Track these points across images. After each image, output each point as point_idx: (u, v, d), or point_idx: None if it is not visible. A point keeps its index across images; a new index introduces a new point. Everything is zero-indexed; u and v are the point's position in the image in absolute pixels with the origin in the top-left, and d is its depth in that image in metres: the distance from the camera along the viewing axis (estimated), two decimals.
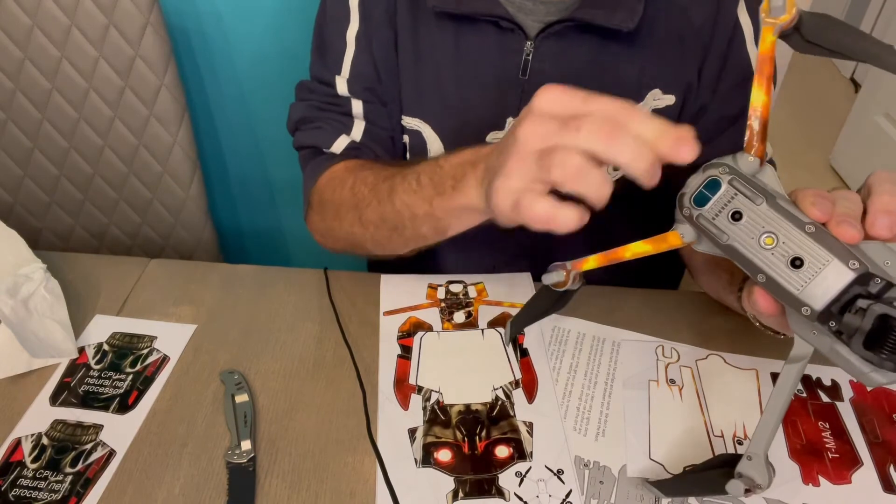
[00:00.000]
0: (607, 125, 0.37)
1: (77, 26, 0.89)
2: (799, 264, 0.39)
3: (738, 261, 0.41)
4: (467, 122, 0.69)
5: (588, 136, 0.38)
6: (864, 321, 0.38)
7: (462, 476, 0.52)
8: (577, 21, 0.62)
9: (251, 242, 1.36)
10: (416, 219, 0.56)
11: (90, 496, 0.51)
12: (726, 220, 0.41)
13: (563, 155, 0.38)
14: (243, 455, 0.53)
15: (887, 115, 2.08)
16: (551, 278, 0.50)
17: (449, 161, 0.53)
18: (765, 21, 0.40)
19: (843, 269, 0.38)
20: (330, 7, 0.71)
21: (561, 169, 0.38)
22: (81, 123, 0.95)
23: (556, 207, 0.40)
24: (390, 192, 0.58)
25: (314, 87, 0.73)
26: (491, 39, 0.65)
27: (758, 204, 0.40)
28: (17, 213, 1.04)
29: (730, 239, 0.41)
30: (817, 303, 0.39)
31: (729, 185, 0.41)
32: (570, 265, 0.49)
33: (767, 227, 0.40)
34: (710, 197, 0.42)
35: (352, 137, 0.71)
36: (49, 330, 0.62)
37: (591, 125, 0.38)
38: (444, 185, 0.52)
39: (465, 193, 0.50)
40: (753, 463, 0.43)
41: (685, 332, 0.64)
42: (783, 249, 0.40)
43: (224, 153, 1.21)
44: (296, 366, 0.61)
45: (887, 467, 0.53)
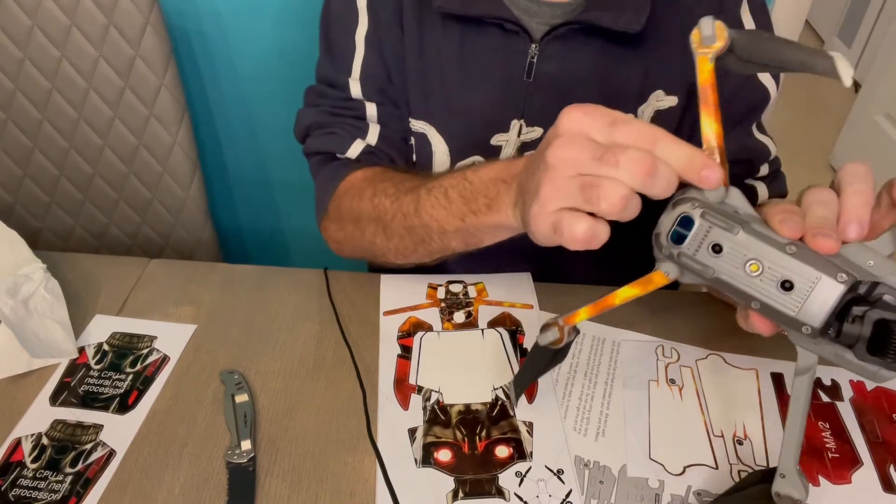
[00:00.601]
0: (646, 161, 0.38)
1: (77, 26, 0.89)
2: (789, 286, 0.39)
3: (728, 291, 0.41)
4: (472, 125, 0.69)
5: (627, 172, 0.39)
6: (862, 329, 0.38)
7: (462, 476, 0.52)
8: (583, 24, 0.62)
9: (251, 242, 1.36)
10: (446, 233, 0.56)
11: (90, 496, 0.51)
12: (707, 253, 0.41)
13: (611, 188, 0.39)
14: (243, 455, 0.53)
15: (887, 115, 2.09)
16: (546, 338, 0.49)
17: (478, 176, 0.53)
18: (698, 52, 0.40)
19: (833, 284, 0.38)
20: (335, 8, 0.70)
21: (608, 203, 0.39)
22: (81, 123, 0.96)
23: (596, 226, 0.40)
24: (416, 205, 0.58)
25: (325, 92, 0.72)
26: (496, 42, 0.65)
27: (735, 233, 0.40)
28: (17, 213, 1.04)
29: (715, 272, 0.41)
30: (815, 320, 0.39)
31: (702, 220, 0.41)
32: (561, 321, 0.48)
33: (750, 254, 0.40)
34: (685, 234, 0.41)
35: (367, 142, 0.70)
36: (49, 330, 0.62)
37: (629, 161, 0.38)
38: (477, 203, 0.52)
39: (500, 213, 0.50)
40: (788, 480, 0.43)
41: (685, 332, 0.64)
42: (770, 274, 0.39)
43: (224, 153, 1.21)
44: (296, 366, 0.61)
45: (887, 467, 0.53)
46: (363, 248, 0.67)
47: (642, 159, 0.38)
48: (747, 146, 0.69)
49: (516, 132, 0.68)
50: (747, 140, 0.70)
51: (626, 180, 0.39)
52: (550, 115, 0.46)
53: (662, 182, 0.39)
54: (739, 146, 0.69)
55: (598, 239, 0.41)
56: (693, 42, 0.40)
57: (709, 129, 0.40)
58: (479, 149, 0.70)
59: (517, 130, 0.68)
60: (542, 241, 0.44)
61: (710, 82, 0.40)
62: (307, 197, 0.83)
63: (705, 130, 0.41)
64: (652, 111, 0.68)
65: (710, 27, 0.39)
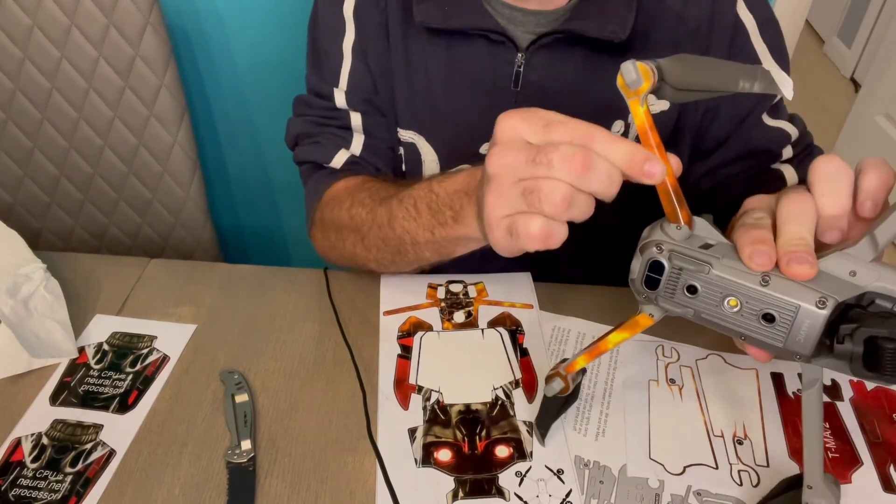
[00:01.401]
0: (579, 156, 0.37)
1: (77, 26, 0.89)
2: (770, 318, 0.38)
3: (714, 328, 0.41)
4: (460, 135, 0.69)
5: (562, 168, 0.38)
6: (854, 347, 0.37)
7: (462, 476, 0.52)
8: (568, 33, 0.62)
9: (251, 242, 1.36)
10: (418, 245, 0.57)
11: (90, 496, 0.51)
12: (684, 295, 0.40)
13: (549, 188, 0.38)
14: (243, 455, 0.53)
15: (887, 115, 2.09)
16: (553, 390, 0.49)
17: (443, 188, 0.53)
18: (628, 98, 0.38)
19: (814, 311, 0.37)
20: (322, 17, 0.70)
21: (549, 203, 0.38)
22: (81, 123, 0.96)
23: (551, 224, 0.39)
24: (389, 217, 0.58)
25: (311, 101, 0.72)
26: (482, 52, 0.65)
27: (706, 273, 0.39)
28: (17, 213, 1.04)
29: (696, 312, 0.40)
30: (805, 349, 0.38)
31: (671, 263, 0.40)
32: (563, 370, 0.49)
33: (725, 291, 0.39)
34: (658, 279, 0.41)
35: (351, 151, 0.71)
36: (49, 330, 0.62)
37: (562, 158, 0.37)
38: (444, 216, 0.53)
39: (466, 226, 0.51)
40: (816, 490, 0.43)
41: (685, 332, 0.64)
42: (750, 308, 0.38)
43: (224, 153, 1.21)
44: (296, 366, 0.61)
45: (887, 467, 0.53)
46: (346, 258, 0.68)
47: (575, 154, 0.37)
48: (758, 138, 0.68)
49: None
50: (758, 131, 0.68)
51: (563, 178, 0.38)
52: None
53: (603, 178, 0.38)
54: (749, 140, 0.68)
55: (555, 237, 0.40)
56: (620, 89, 0.38)
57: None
58: (468, 158, 0.70)
59: None
60: (506, 251, 0.44)
61: (649, 124, 0.39)
62: None
63: None
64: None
65: (633, 71, 0.37)
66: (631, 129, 0.68)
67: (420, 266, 0.62)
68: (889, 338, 0.36)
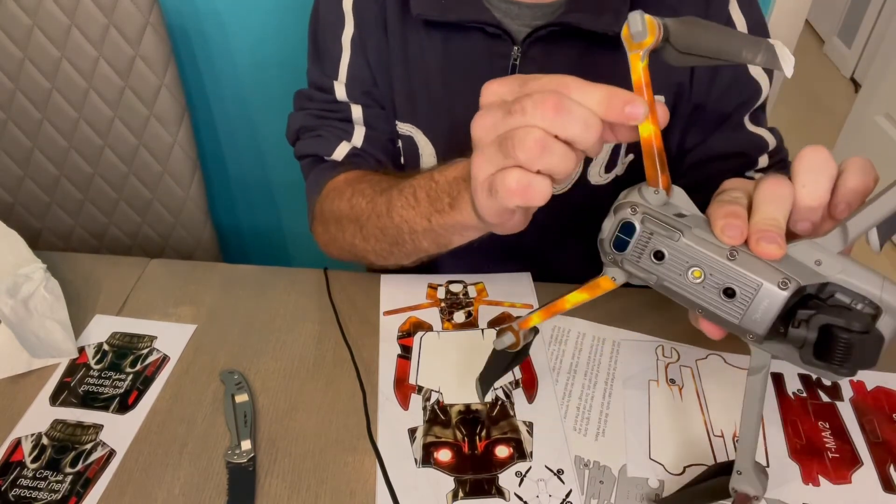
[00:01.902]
0: (550, 99, 0.37)
1: (77, 26, 0.89)
2: (731, 293, 0.38)
3: (673, 297, 0.40)
4: (458, 127, 0.69)
5: (534, 113, 0.37)
6: (808, 333, 0.37)
7: (462, 476, 0.52)
8: (563, 26, 0.62)
9: (251, 242, 1.36)
10: (416, 234, 0.56)
11: (90, 496, 0.51)
12: (650, 260, 0.40)
13: (522, 134, 0.38)
14: (243, 455, 0.53)
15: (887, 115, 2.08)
16: (503, 343, 0.49)
17: (443, 175, 0.53)
18: (630, 49, 0.38)
19: (775, 291, 0.37)
20: (323, 12, 0.70)
21: (522, 149, 0.38)
22: (81, 123, 0.96)
23: (529, 177, 0.39)
24: (388, 206, 0.58)
25: (312, 95, 0.73)
26: (479, 45, 0.65)
27: (675, 240, 0.39)
28: (17, 213, 1.04)
29: (658, 279, 0.40)
30: (759, 328, 0.38)
31: (643, 226, 0.40)
32: (516, 325, 0.49)
33: (691, 261, 0.39)
34: (627, 240, 0.40)
35: (352, 144, 0.71)
36: (49, 330, 0.62)
37: (534, 102, 0.37)
38: (442, 203, 0.53)
39: (461, 212, 0.51)
40: (744, 477, 0.43)
41: (685, 332, 0.64)
42: (712, 281, 0.38)
43: (224, 153, 1.21)
44: (296, 366, 0.61)
45: (887, 467, 0.53)
46: (346, 250, 0.68)
47: (547, 97, 0.37)
48: (740, 140, 0.69)
49: None
50: (739, 134, 0.69)
51: (536, 122, 0.37)
52: None
53: (578, 122, 0.37)
54: (731, 141, 0.69)
55: (534, 189, 0.39)
56: (624, 40, 0.38)
57: (646, 132, 0.39)
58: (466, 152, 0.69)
59: None
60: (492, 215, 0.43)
61: (645, 81, 0.38)
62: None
63: (642, 132, 0.39)
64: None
65: (640, 22, 0.37)
66: None
67: (419, 258, 0.62)
68: (844, 328, 0.36)
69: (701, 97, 0.68)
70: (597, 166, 0.70)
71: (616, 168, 0.71)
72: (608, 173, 0.71)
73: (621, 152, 0.70)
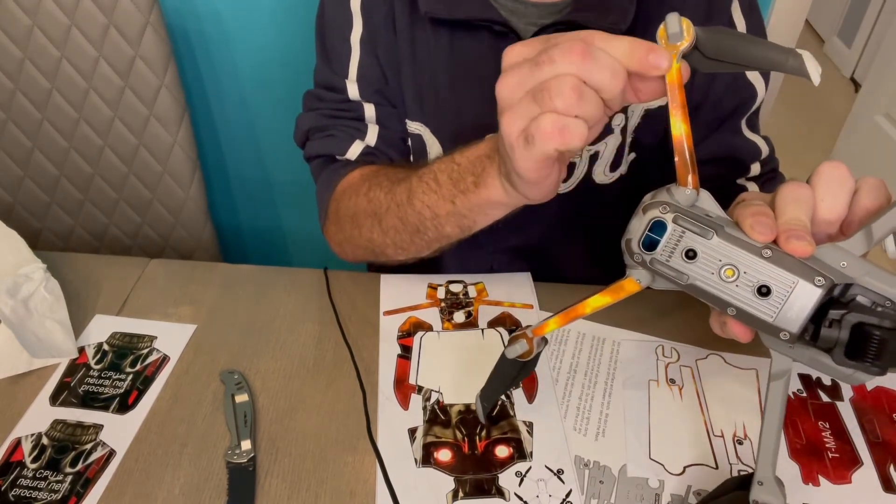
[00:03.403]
0: (577, 45, 0.37)
1: (77, 26, 0.89)
2: (766, 292, 0.38)
3: (704, 298, 0.40)
4: (465, 126, 0.69)
5: (563, 60, 0.37)
6: (840, 333, 0.37)
7: (462, 476, 0.52)
8: (569, 24, 0.62)
9: (251, 242, 1.36)
10: (439, 219, 0.56)
11: (90, 496, 0.51)
12: (681, 260, 0.40)
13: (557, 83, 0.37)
14: (243, 455, 0.53)
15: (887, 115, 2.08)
16: (515, 351, 0.47)
17: (465, 156, 0.53)
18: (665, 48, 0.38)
19: (810, 288, 0.37)
20: (330, 12, 0.70)
21: (560, 96, 0.37)
22: (81, 123, 0.96)
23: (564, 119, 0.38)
24: (409, 194, 0.58)
25: (323, 95, 0.72)
26: (485, 43, 0.65)
27: (709, 238, 0.39)
28: (17, 213, 1.04)
29: (689, 279, 0.40)
30: (793, 326, 0.38)
31: (675, 224, 0.40)
32: (530, 332, 0.47)
33: (725, 260, 0.39)
34: (657, 239, 0.40)
35: (366, 142, 0.70)
36: (49, 330, 0.62)
37: (562, 51, 0.37)
38: (466, 183, 0.52)
39: (488, 187, 0.50)
40: (766, 487, 0.42)
41: (685, 332, 0.64)
42: (746, 280, 0.38)
43: (224, 153, 1.21)
44: (296, 366, 0.61)
45: (887, 467, 0.53)
46: (363, 247, 0.67)
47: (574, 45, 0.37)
48: (735, 144, 0.69)
49: None
50: (734, 138, 0.69)
51: (567, 69, 0.37)
52: None
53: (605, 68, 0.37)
54: (726, 144, 0.69)
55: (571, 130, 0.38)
56: (659, 39, 0.38)
57: (678, 131, 0.39)
58: None
59: None
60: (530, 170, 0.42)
61: (678, 81, 0.39)
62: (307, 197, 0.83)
63: (675, 132, 0.39)
64: (642, 110, 0.68)
65: (677, 24, 0.37)
66: (630, 121, 0.68)
67: (440, 246, 0.61)
68: (877, 325, 0.36)
69: (699, 98, 0.68)
70: (602, 165, 0.70)
71: (620, 167, 0.71)
72: (613, 172, 0.71)
73: (625, 151, 0.70)
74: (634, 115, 0.68)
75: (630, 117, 0.68)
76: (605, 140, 0.68)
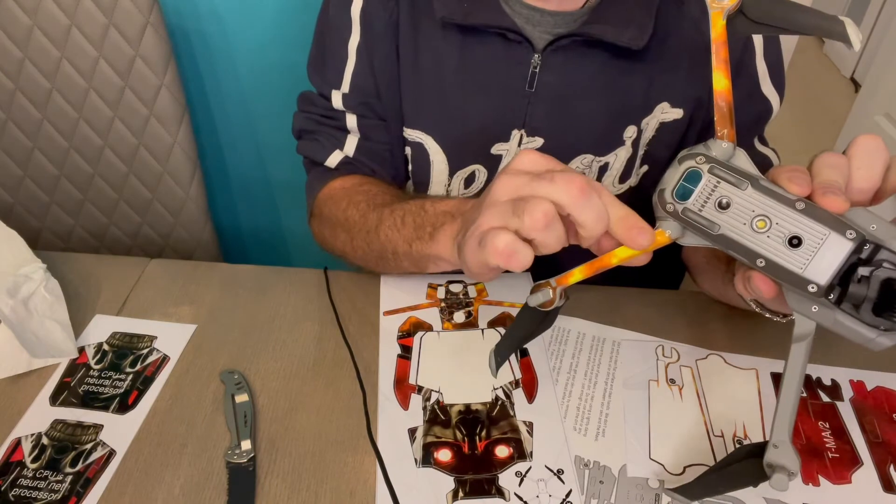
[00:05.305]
0: (580, 182, 0.40)
1: (77, 26, 0.89)
2: (797, 243, 0.39)
3: (733, 249, 0.41)
4: (471, 134, 0.69)
5: (561, 187, 0.40)
6: (869, 289, 0.38)
7: (462, 476, 0.52)
8: (586, 37, 0.62)
9: (251, 242, 1.36)
10: (398, 255, 0.59)
11: (90, 496, 0.51)
12: (714, 209, 0.41)
13: (536, 202, 0.40)
14: (243, 455, 0.53)
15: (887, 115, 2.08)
16: (537, 299, 0.48)
17: (434, 207, 0.56)
18: (712, 6, 0.41)
19: (841, 241, 0.38)
20: (333, 14, 0.70)
21: (530, 216, 0.40)
22: (81, 123, 0.96)
23: (518, 242, 0.41)
24: (378, 224, 0.61)
25: (314, 99, 0.74)
26: (497, 51, 0.65)
27: (743, 188, 0.40)
28: (17, 213, 1.04)
29: (721, 228, 0.41)
30: (822, 278, 0.39)
31: (710, 174, 0.41)
32: (554, 281, 0.47)
33: (758, 210, 0.40)
34: (691, 189, 0.41)
35: (345, 153, 0.72)
36: (49, 330, 0.62)
37: (565, 179, 0.40)
38: (424, 231, 0.55)
39: (438, 243, 0.53)
40: (781, 450, 0.42)
41: (685, 332, 0.64)
42: (778, 230, 0.39)
43: (224, 153, 1.21)
44: (296, 366, 0.61)
45: (887, 467, 0.53)
46: (337, 253, 0.71)
47: (578, 179, 0.40)
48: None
49: (517, 142, 0.68)
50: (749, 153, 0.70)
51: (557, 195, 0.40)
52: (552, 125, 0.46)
53: (593, 210, 0.40)
54: None
55: (517, 256, 0.41)
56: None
57: (721, 85, 0.41)
58: (479, 158, 0.70)
59: (518, 140, 0.68)
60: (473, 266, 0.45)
61: (723, 39, 0.40)
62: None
63: (717, 86, 0.41)
64: (657, 123, 0.67)
65: None
66: (643, 134, 0.68)
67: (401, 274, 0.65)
68: None
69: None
70: (611, 177, 0.70)
71: (630, 179, 0.71)
72: (622, 183, 0.71)
73: (636, 163, 0.70)
74: (648, 128, 0.67)
75: (644, 130, 0.67)
76: (615, 152, 0.68)
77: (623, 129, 0.67)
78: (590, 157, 0.68)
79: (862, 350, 0.63)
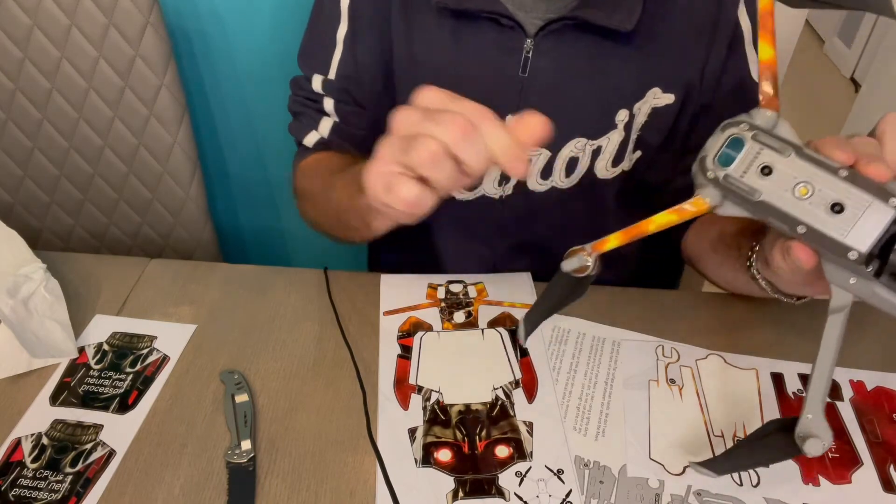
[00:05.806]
0: (462, 122, 0.40)
1: (77, 26, 0.89)
2: (839, 209, 0.39)
3: (773, 216, 0.41)
4: None
5: (443, 128, 0.40)
6: None
7: (462, 476, 0.52)
8: (576, 20, 0.62)
9: (251, 242, 1.36)
10: (347, 213, 0.60)
11: (90, 496, 0.51)
12: (756, 176, 0.41)
13: (422, 141, 0.41)
14: (243, 455, 0.53)
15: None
16: (572, 264, 0.47)
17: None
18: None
19: (884, 208, 0.38)
20: (325, 5, 0.72)
21: (417, 153, 0.40)
22: (81, 123, 0.95)
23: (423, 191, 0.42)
24: (332, 185, 0.63)
25: (301, 83, 0.76)
26: (490, 37, 0.65)
27: (786, 155, 0.40)
28: (17, 213, 1.04)
29: (762, 195, 0.41)
30: (863, 245, 0.39)
31: (753, 141, 0.41)
32: (589, 247, 0.47)
33: (800, 177, 0.40)
34: (734, 156, 0.41)
35: (320, 133, 0.75)
36: (49, 330, 0.62)
37: (449, 120, 0.40)
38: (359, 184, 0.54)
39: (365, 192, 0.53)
40: (815, 420, 0.42)
41: (685, 332, 0.64)
42: (820, 197, 0.39)
43: (224, 153, 1.21)
44: (296, 366, 0.61)
45: (887, 467, 0.53)
46: (313, 223, 0.74)
47: (460, 119, 0.40)
48: None
49: None
50: None
51: (441, 137, 0.40)
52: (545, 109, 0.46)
53: (473, 149, 0.40)
54: None
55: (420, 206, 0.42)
56: None
57: (767, 55, 0.41)
58: None
59: None
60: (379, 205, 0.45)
61: (769, 10, 0.41)
62: None
63: (764, 56, 0.41)
64: (649, 108, 0.68)
65: None
66: (636, 119, 0.68)
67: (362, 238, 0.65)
68: None
69: (708, 97, 0.68)
70: (604, 160, 0.70)
71: (623, 163, 0.71)
72: (615, 167, 0.71)
73: (629, 147, 0.70)
74: (641, 114, 0.68)
75: (637, 115, 0.68)
76: (607, 135, 0.68)
77: (615, 113, 0.67)
78: (583, 140, 0.68)
79: (862, 350, 0.63)
